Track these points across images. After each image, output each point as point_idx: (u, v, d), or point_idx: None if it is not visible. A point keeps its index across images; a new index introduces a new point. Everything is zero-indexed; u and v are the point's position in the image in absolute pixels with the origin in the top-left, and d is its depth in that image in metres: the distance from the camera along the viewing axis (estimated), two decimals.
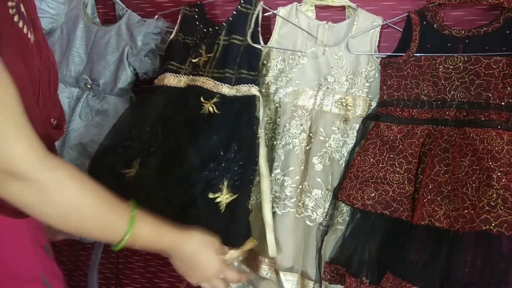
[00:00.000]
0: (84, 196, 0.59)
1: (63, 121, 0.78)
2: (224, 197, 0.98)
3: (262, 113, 1.08)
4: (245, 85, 1.10)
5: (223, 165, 1.00)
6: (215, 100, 1.09)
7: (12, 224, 0.65)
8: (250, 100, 1.08)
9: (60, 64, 1.31)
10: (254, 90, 1.08)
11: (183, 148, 1.02)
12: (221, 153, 1.01)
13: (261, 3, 1.15)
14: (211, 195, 0.98)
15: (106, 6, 1.38)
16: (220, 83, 1.11)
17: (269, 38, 1.16)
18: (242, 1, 1.15)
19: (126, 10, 1.31)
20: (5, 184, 0.54)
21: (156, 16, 1.26)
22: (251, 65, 1.11)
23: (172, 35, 1.20)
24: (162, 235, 0.72)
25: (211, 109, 1.08)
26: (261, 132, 1.07)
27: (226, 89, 1.10)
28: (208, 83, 1.11)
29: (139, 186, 1.02)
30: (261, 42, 1.14)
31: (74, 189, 0.58)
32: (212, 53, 1.15)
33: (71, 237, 1.41)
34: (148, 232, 0.68)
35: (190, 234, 0.78)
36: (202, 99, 1.09)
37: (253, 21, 1.13)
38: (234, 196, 0.99)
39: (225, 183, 0.99)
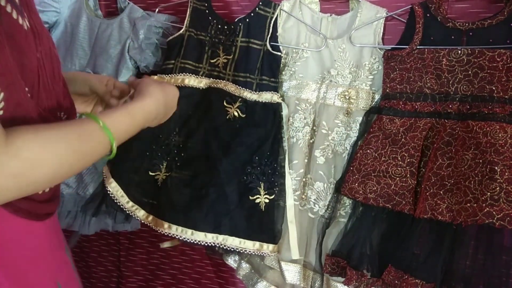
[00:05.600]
0: (57, 150, 0.54)
1: (73, 114, 0.75)
2: (262, 199, 1.05)
3: (285, 118, 1.11)
4: (267, 92, 1.12)
5: (258, 169, 1.06)
6: (238, 104, 1.11)
7: (29, 229, 0.62)
8: (274, 107, 1.11)
9: (65, 58, 1.30)
10: (276, 97, 1.11)
11: (214, 153, 1.07)
12: (256, 158, 1.06)
13: (280, 5, 1.13)
14: (251, 197, 1.05)
15: None
16: (241, 88, 1.12)
17: None
18: (260, 3, 1.13)
19: (128, 3, 1.31)
20: None
21: (157, 10, 1.25)
22: (272, 72, 1.13)
23: (182, 30, 1.18)
24: (134, 116, 0.69)
25: (236, 113, 1.11)
26: (292, 135, 1.11)
27: (248, 94, 1.12)
28: (229, 86, 1.13)
29: (173, 189, 1.06)
30: (280, 46, 1.13)
31: (48, 153, 0.53)
32: (231, 55, 1.15)
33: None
34: (123, 125, 0.66)
35: (146, 93, 0.74)
36: (225, 102, 1.12)
37: (271, 25, 1.13)
38: (271, 197, 1.06)
39: (262, 185, 1.05)
